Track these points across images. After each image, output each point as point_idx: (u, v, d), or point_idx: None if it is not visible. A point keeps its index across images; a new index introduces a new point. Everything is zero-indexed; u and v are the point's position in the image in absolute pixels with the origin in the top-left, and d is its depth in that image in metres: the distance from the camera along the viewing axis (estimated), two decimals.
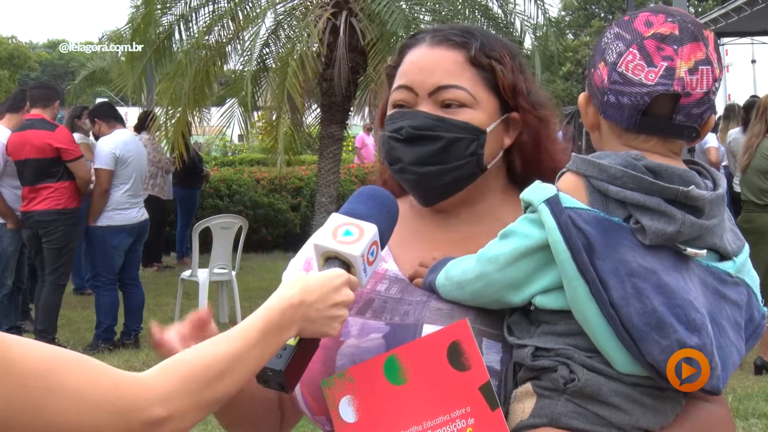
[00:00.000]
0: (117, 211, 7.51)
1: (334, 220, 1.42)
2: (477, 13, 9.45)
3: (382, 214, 1.46)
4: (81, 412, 1.14)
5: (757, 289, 1.44)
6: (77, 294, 10.00)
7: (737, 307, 1.40)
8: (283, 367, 1.33)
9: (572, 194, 1.34)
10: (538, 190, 1.36)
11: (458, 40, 1.55)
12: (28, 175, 7.22)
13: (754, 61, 25.98)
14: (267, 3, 9.37)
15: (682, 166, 1.38)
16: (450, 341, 1.36)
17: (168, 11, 9.47)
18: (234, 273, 8.63)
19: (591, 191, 1.34)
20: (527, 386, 1.37)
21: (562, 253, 1.30)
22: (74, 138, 7.86)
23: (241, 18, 9.31)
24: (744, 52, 24.52)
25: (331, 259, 1.40)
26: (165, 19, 9.50)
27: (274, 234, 13.29)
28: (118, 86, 10.88)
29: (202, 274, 8.42)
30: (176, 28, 9.49)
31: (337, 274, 1.36)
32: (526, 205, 1.38)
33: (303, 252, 1.69)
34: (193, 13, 9.47)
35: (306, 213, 13.07)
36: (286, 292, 1.32)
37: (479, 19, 9.36)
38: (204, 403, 1.24)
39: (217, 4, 9.51)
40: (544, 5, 9.45)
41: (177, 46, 9.56)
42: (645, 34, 1.34)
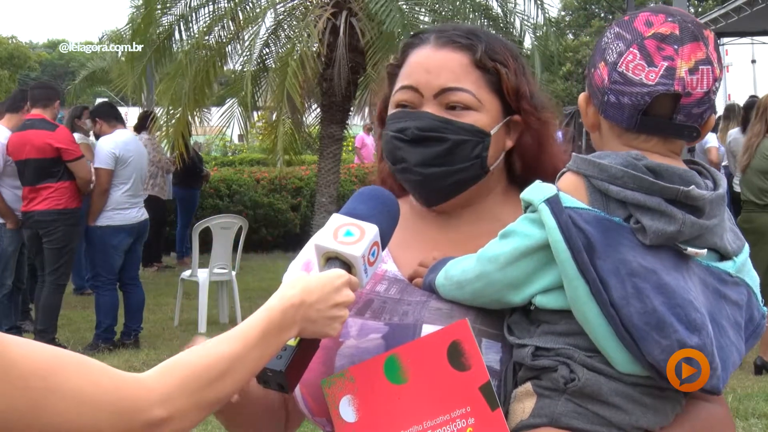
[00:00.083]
0: (117, 211, 7.51)
1: (335, 221, 1.42)
2: (477, 13, 9.45)
3: (383, 215, 1.45)
4: (81, 413, 1.14)
5: (757, 289, 1.44)
6: (77, 294, 10.00)
7: (737, 306, 1.40)
8: (284, 368, 1.33)
9: (572, 194, 1.34)
10: (539, 190, 1.36)
11: (464, 42, 1.55)
12: (28, 175, 7.22)
13: (754, 61, 25.98)
14: (267, 3, 9.37)
15: (682, 166, 1.38)
16: (450, 341, 1.36)
17: (168, 11, 9.47)
18: (234, 273, 8.64)
19: (591, 191, 1.34)
20: (527, 386, 1.37)
21: (562, 253, 1.30)
22: (74, 138, 7.86)
23: (241, 18, 9.31)
24: (744, 52, 24.52)
25: (332, 259, 1.40)
26: (165, 19, 9.50)
27: (274, 234, 13.30)
28: (118, 86, 10.89)
29: (202, 274, 8.42)
30: (176, 28, 9.49)
31: (338, 275, 1.36)
32: (527, 205, 1.38)
33: (303, 254, 1.69)
34: (193, 13, 9.48)
35: (306, 213, 13.07)
36: (287, 293, 1.32)
37: (479, 18, 9.36)
38: (204, 404, 1.24)
39: (217, 4, 9.51)
40: (543, 5, 9.45)
41: (177, 46, 9.57)
42: (645, 34, 1.34)
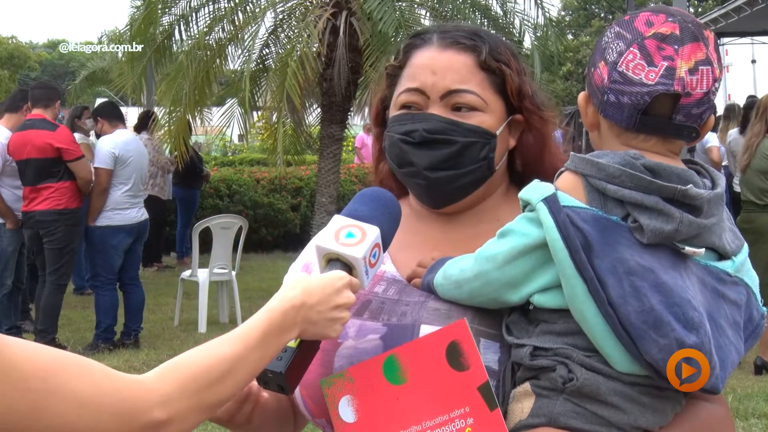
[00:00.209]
0: (116, 211, 7.51)
1: (336, 222, 1.42)
2: (477, 13, 9.45)
3: (384, 216, 1.46)
4: (81, 415, 1.14)
5: (756, 289, 1.44)
6: (77, 294, 10.00)
7: (736, 306, 1.40)
8: (284, 369, 1.33)
9: (570, 193, 1.34)
10: (537, 189, 1.36)
11: (468, 44, 1.56)
12: (29, 175, 7.23)
13: (754, 61, 25.98)
14: (267, 3, 9.37)
15: (681, 166, 1.38)
16: (449, 341, 1.36)
17: (168, 11, 9.47)
18: (234, 273, 8.64)
19: (589, 190, 1.34)
20: (526, 386, 1.37)
21: (560, 252, 1.30)
22: (75, 138, 7.87)
23: (241, 18, 9.31)
24: (744, 52, 24.52)
25: (333, 260, 1.40)
26: (165, 19, 9.50)
27: (274, 234, 13.30)
28: (117, 86, 10.88)
29: (202, 274, 8.42)
30: (176, 28, 9.49)
31: (339, 276, 1.36)
32: (525, 204, 1.38)
33: (303, 255, 1.69)
34: (194, 13, 9.48)
35: (306, 213, 13.07)
36: (288, 294, 1.32)
37: (479, 18, 9.36)
38: (205, 406, 1.24)
39: (217, 4, 9.51)
40: (543, 5, 9.45)
41: (177, 46, 9.57)
42: (646, 34, 1.34)
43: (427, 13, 9.43)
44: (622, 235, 1.31)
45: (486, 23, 9.30)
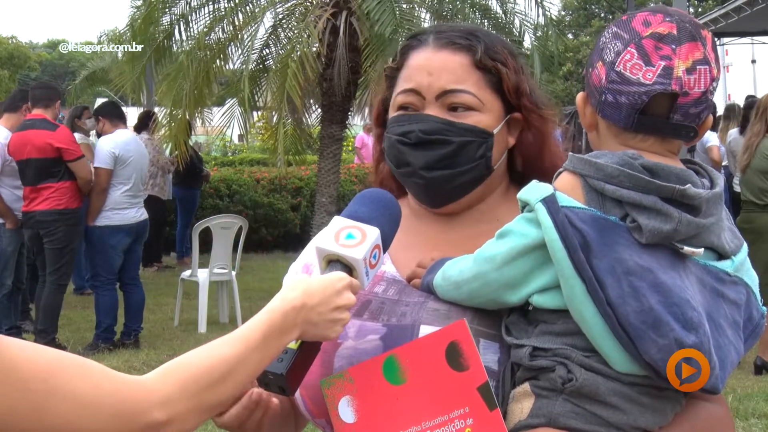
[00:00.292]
0: (115, 211, 7.51)
1: (336, 223, 1.42)
2: (477, 13, 9.45)
3: (384, 217, 1.46)
4: (81, 416, 1.14)
5: (756, 289, 1.44)
6: (77, 294, 10.00)
7: (736, 306, 1.40)
8: (285, 371, 1.33)
9: (569, 193, 1.34)
10: (535, 190, 1.36)
11: (463, 43, 1.56)
12: (29, 174, 7.23)
13: (754, 61, 25.96)
14: (267, 3, 9.37)
15: (679, 165, 1.38)
16: (448, 341, 1.36)
17: (168, 11, 9.47)
18: (234, 273, 8.64)
19: (588, 190, 1.34)
20: (525, 386, 1.37)
21: (558, 252, 1.30)
22: (75, 138, 7.87)
23: (241, 18, 9.31)
24: (744, 52, 24.51)
25: (333, 262, 1.40)
26: (165, 19, 9.50)
27: (274, 234, 13.30)
28: (117, 86, 10.88)
29: (202, 274, 8.42)
30: (176, 28, 9.49)
31: (339, 278, 1.36)
32: (523, 205, 1.38)
33: (303, 256, 1.70)
34: (193, 13, 9.48)
35: (306, 213, 13.07)
36: (288, 295, 1.32)
37: (479, 19, 9.36)
38: (205, 406, 1.24)
39: (217, 4, 9.52)
40: (543, 5, 9.45)
41: (177, 47, 9.57)
42: (643, 34, 1.34)
43: (427, 14, 9.43)
44: (621, 235, 1.31)
45: (486, 23, 9.30)
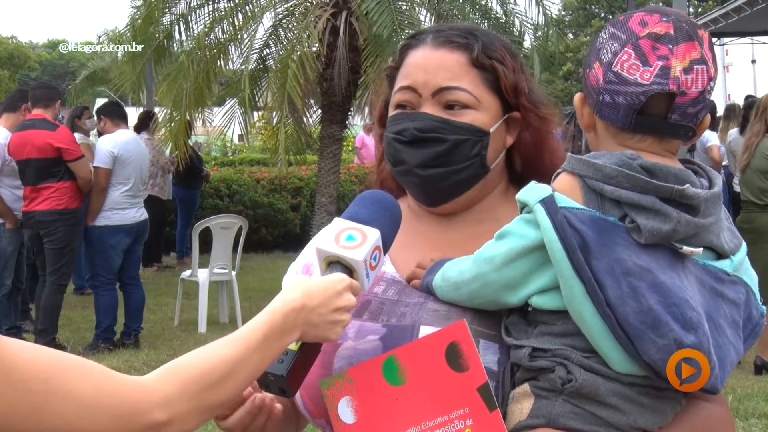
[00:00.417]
0: (115, 210, 7.51)
1: (336, 225, 1.42)
2: (477, 13, 9.45)
3: (384, 219, 1.46)
4: (82, 416, 1.15)
5: (755, 288, 1.44)
6: (77, 294, 10.00)
7: (735, 305, 1.40)
8: (285, 372, 1.33)
9: (567, 194, 1.34)
10: (534, 191, 1.36)
11: (461, 42, 1.56)
12: (29, 174, 7.23)
13: (754, 61, 25.95)
14: (267, 3, 9.37)
15: (677, 165, 1.38)
16: (448, 342, 1.36)
17: (168, 11, 9.47)
18: (234, 273, 8.64)
19: (586, 191, 1.34)
20: (525, 387, 1.37)
21: (557, 253, 1.30)
22: (75, 138, 7.87)
23: (241, 19, 9.31)
24: (744, 52, 24.50)
25: (334, 263, 1.40)
26: (165, 19, 9.50)
27: (274, 234, 13.30)
28: (117, 86, 10.89)
29: (202, 274, 8.42)
30: (176, 28, 9.49)
31: (340, 279, 1.36)
32: (522, 206, 1.38)
33: (302, 257, 1.70)
34: (193, 13, 9.48)
35: (306, 213, 13.07)
36: (288, 296, 1.33)
37: (479, 19, 9.36)
38: (205, 407, 1.24)
39: (217, 4, 9.52)
40: (543, 5, 9.45)
41: (177, 47, 9.57)
42: (640, 34, 1.34)
43: (427, 14, 9.43)
44: (620, 235, 1.31)
45: (486, 24, 9.30)
